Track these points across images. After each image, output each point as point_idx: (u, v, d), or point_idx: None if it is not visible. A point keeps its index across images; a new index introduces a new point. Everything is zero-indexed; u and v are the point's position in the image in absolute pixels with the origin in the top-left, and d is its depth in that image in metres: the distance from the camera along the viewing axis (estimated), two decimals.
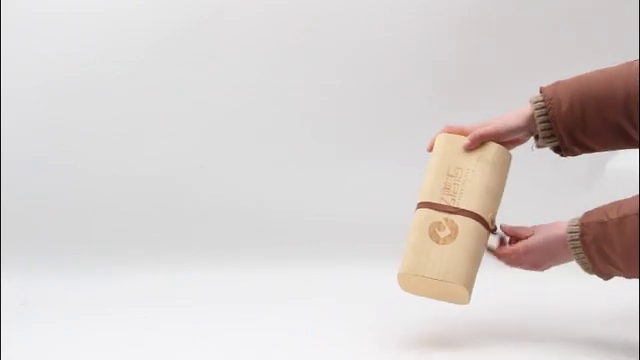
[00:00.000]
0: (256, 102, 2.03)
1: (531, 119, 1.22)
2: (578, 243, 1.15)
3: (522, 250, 1.21)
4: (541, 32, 2.04)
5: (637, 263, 1.11)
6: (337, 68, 2.04)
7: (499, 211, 1.24)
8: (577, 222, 1.16)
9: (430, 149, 1.28)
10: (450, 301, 1.23)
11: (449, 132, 1.27)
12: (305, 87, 2.04)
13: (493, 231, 1.23)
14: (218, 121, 2.03)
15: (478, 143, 1.24)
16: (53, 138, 1.97)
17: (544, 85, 1.25)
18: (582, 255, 1.15)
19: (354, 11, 2.03)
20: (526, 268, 1.24)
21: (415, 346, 1.26)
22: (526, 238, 1.22)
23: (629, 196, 1.16)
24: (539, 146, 1.26)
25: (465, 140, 1.24)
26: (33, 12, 1.95)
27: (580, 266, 1.17)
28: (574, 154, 1.26)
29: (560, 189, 1.93)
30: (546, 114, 1.21)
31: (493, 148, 1.24)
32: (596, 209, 1.16)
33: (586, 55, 1.96)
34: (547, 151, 1.27)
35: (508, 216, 1.28)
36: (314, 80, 2.04)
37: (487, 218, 1.21)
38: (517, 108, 1.25)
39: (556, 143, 1.23)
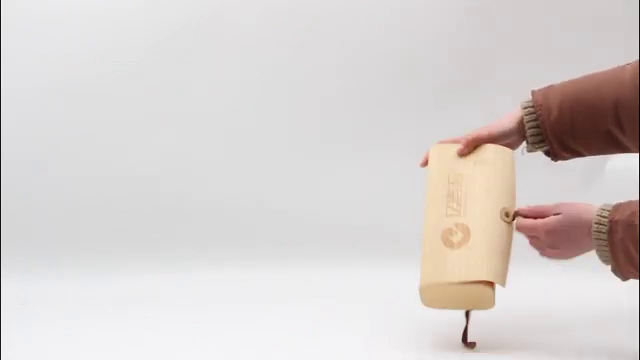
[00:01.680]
0: (256, 102, 2.03)
1: (522, 123, 1.22)
2: (604, 241, 1.10)
3: (542, 228, 1.16)
4: (541, 32, 2.04)
5: None
6: (337, 68, 2.04)
7: None
8: (607, 215, 1.11)
9: (424, 164, 1.27)
10: (476, 307, 1.21)
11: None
12: (305, 87, 2.04)
13: (510, 222, 1.20)
14: (218, 121, 2.03)
15: (472, 147, 1.24)
16: (53, 138, 1.97)
17: (536, 89, 1.25)
18: (605, 248, 1.11)
19: (354, 11, 2.03)
20: (548, 254, 1.19)
21: (415, 346, 1.26)
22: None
23: (629, 196, 1.16)
24: (529, 150, 1.26)
25: (459, 146, 1.24)
26: (33, 12, 1.95)
27: (599, 257, 1.13)
28: (564, 159, 1.26)
29: (560, 189, 1.92)
30: (536, 119, 1.22)
31: (488, 149, 1.24)
32: (626, 205, 1.11)
33: (586, 55, 1.96)
34: None
35: None
36: (314, 80, 2.04)
37: (499, 212, 1.19)
38: (510, 111, 1.26)
39: (546, 148, 1.24)
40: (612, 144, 1.22)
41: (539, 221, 1.16)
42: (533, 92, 1.24)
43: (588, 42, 2.03)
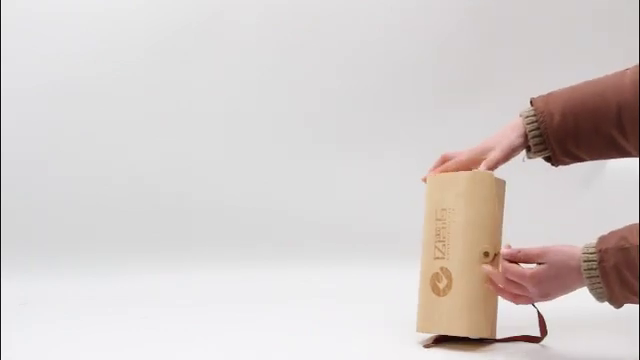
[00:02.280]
0: (256, 102, 2.03)
1: (525, 132, 1.22)
2: (595, 272, 1.07)
3: (530, 281, 1.13)
4: (541, 32, 2.04)
5: None
6: (337, 68, 2.04)
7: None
8: (593, 249, 1.08)
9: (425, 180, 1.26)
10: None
11: (443, 162, 1.25)
12: (305, 87, 2.04)
13: (491, 262, 1.18)
14: (218, 121, 2.03)
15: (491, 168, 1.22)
16: (53, 138, 1.97)
17: (535, 97, 1.24)
18: (598, 284, 1.07)
19: (354, 11, 2.03)
20: (535, 301, 1.17)
21: (416, 346, 1.26)
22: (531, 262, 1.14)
23: (629, 196, 1.16)
24: (530, 157, 1.26)
25: (446, 175, 1.23)
26: (33, 12, 1.96)
27: (594, 296, 1.10)
28: (565, 164, 1.26)
29: (560, 189, 1.93)
30: (538, 127, 1.21)
31: (462, 180, 1.20)
32: (610, 235, 1.09)
33: (586, 56, 1.96)
34: None
35: (509, 216, 1.27)
36: (314, 80, 2.04)
37: (479, 252, 1.18)
38: (509, 123, 1.24)
39: (547, 154, 1.24)
40: (614, 149, 1.22)
41: (527, 271, 1.13)
42: (533, 100, 1.24)
43: (588, 42, 2.03)
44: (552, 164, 1.26)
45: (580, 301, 1.18)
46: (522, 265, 1.16)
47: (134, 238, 1.92)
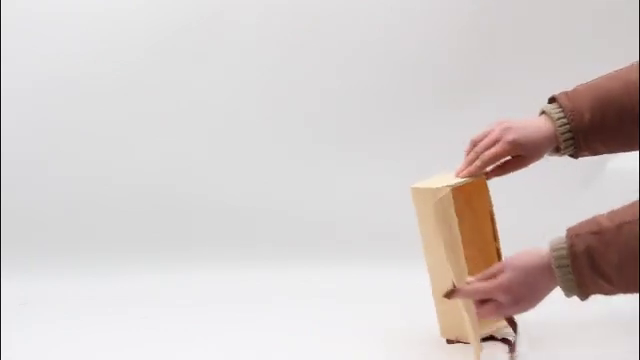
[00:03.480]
0: (256, 102, 2.03)
1: (555, 136, 1.20)
2: (566, 261, 1.01)
3: (497, 289, 1.06)
4: (540, 32, 2.04)
5: (635, 274, 0.99)
6: (337, 68, 2.04)
7: None
8: (563, 238, 1.03)
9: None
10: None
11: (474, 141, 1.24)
12: (305, 87, 2.04)
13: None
14: (218, 121, 2.03)
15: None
16: (53, 138, 1.97)
17: (557, 94, 1.22)
18: (568, 272, 1.02)
19: (354, 11, 2.03)
20: (511, 312, 1.11)
21: (416, 346, 1.26)
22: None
23: (629, 196, 1.15)
24: (550, 155, 1.24)
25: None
26: (33, 12, 1.95)
27: (562, 287, 1.04)
28: (582, 156, 1.25)
29: (560, 189, 1.92)
30: (570, 129, 1.19)
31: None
32: (581, 222, 1.05)
33: (586, 55, 1.96)
34: None
35: (509, 216, 1.28)
36: (314, 80, 2.03)
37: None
38: (534, 126, 1.21)
39: (572, 151, 1.22)
40: (636, 144, 1.22)
41: (491, 282, 1.06)
42: (557, 97, 1.22)
43: (588, 42, 2.02)
44: (572, 157, 1.25)
45: (580, 301, 1.18)
46: None
47: (134, 238, 1.92)
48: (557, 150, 1.23)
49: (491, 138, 1.21)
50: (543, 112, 1.23)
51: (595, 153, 1.25)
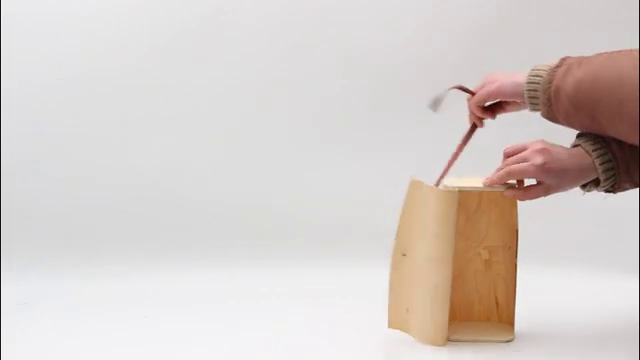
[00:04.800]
0: (256, 102, 2.03)
1: (593, 168, 1.18)
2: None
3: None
4: (541, 32, 2.04)
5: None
6: (337, 68, 2.04)
7: None
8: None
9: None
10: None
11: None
12: (305, 87, 2.04)
13: None
14: (218, 121, 2.03)
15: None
16: (53, 138, 1.97)
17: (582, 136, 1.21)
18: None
19: (354, 11, 2.03)
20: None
21: (416, 345, 1.26)
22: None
23: (629, 196, 1.15)
24: (589, 191, 1.23)
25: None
26: (33, 12, 1.95)
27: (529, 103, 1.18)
28: (623, 190, 1.22)
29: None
30: (612, 168, 1.18)
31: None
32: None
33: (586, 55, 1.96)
34: None
35: None
36: (314, 80, 2.03)
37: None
38: (572, 159, 1.19)
39: (612, 184, 1.20)
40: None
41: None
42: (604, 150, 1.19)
43: (588, 42, 2.02)
44: (612, 192, 1.23)
45: (579, 301, 1.18)
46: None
47: (134, 238, 1.92)
48: (597, 184, 1.20)
49: (521, 157, 1.19)
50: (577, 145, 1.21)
51: (634, 184, 1.21)
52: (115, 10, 1.98)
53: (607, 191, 1.22)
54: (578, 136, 1.22)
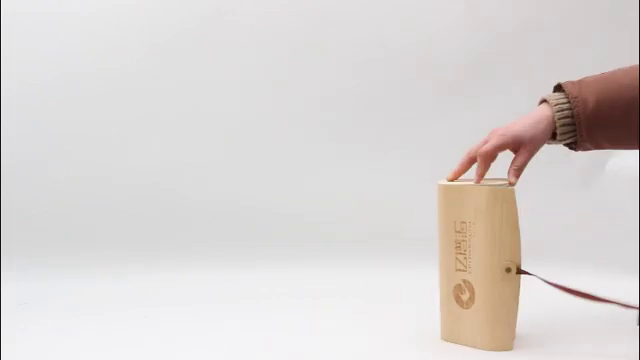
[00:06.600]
0: (256, 102, 2.03)
1: (552, 121, 1.20)
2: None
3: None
4: (541, 32, 2.04)
5: None
6: (337, 69, 2.04)
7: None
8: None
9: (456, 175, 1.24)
10: None
11: (470, 163, 1.22)
12: (305, 87, 2.04)
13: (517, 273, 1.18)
14: (218, 121, 2.03)
15: (519, 175, 1.20)
16: (53, 138, 1.97)
17: (563, 82, 1.23)
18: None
19: (355, 11, 2.03)
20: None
21: (416, 345, 1.26)
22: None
23: (629, 196, 1.15)
24: (550, 143, 1.25)
25: (464, 188, 1.19)
26: (33, 12, 1.96)
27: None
28: (585, 150, 1.25)
29: (560, 189, 1.93)
30: (570, 115, 1.20)
31: (483, 195, 1.17)
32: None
33: (586, 55, 1.96)
34: (547, 150, 1.27)
35: None
36: (314, 80, 2.04)
37: (501, 268, 1.17)
38: (526, 116, 1.21)
39: (572, 140, 1.22)
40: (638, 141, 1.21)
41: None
42: (563, 85, 1.22)
43: (588, 42, 2.03)
44: (572, 149, 1.25)
45: (579, 301, 1.18)
46: None
47: (134, 238, 1.92)
48: (554, 137, 1.22)
49: (482, 140, 1.21)
50: (544, 100, 1.23)
51: (598, 147, 1.24)
52: (115, 10, 1.98)
53: (568, 146, 1.25)
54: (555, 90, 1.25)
